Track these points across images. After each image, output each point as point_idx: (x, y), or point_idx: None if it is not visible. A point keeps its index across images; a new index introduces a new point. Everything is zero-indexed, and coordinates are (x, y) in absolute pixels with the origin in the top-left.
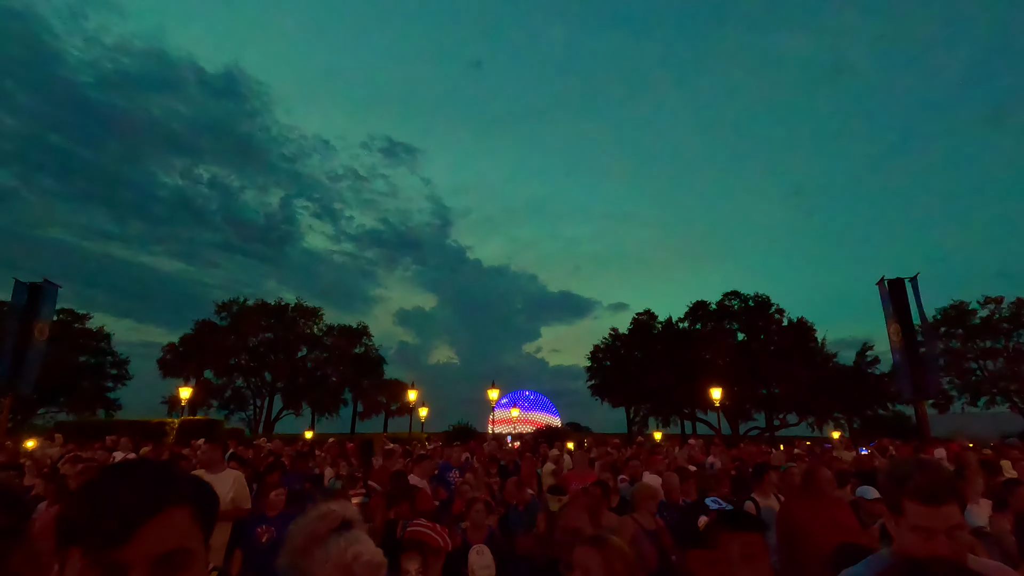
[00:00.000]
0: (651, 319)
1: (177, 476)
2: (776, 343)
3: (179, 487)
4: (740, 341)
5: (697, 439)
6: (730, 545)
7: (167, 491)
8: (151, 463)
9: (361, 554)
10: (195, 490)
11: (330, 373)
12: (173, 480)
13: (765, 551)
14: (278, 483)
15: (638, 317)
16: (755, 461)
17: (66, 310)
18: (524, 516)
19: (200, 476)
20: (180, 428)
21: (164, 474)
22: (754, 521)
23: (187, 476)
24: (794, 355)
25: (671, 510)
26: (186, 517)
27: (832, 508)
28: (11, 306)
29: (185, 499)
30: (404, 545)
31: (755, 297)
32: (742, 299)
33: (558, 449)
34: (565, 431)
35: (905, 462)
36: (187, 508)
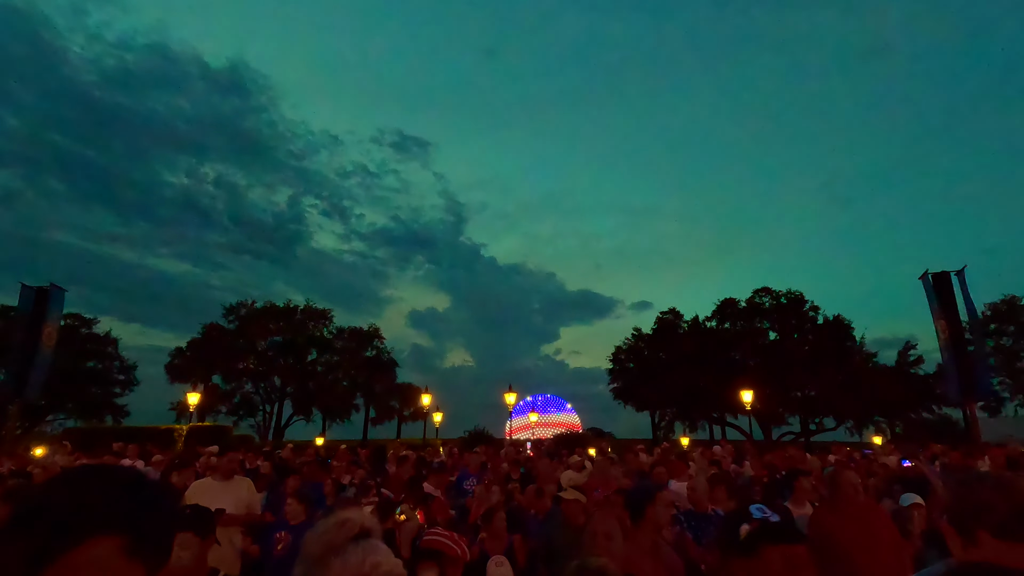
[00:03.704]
0: (676, 318)
1: (114, 498)
2: (811, 342)
3: (109, 514)
4: (772, 341)
5: (727, 444)
6: (771, 556)
7: (89, 520)
8: (97, 476)
9: (380, 564)
10: (133, 517)
11: (341, 377)
12: (103, 505)
13: (809, 564)
14: (296, 491)
15: (662, 316)
16: (788, 467)
17: (73, 314)
18: (543, 526)
19: (209, 484)
20: (188, 435)
21: (96, 496)
22: (797, 533)
23: (127, 499)
24: (830, 355)
25: (698, 519)
26: (113, 550)
27: (865, 516)
28: (18, 311)
29: (114, 529)
30: (421, 554)
31: (787, 294)
32: (773, 296)
33: (579, 455)
34: (586, 437)
35: (982, 484)
36: (116, 539)
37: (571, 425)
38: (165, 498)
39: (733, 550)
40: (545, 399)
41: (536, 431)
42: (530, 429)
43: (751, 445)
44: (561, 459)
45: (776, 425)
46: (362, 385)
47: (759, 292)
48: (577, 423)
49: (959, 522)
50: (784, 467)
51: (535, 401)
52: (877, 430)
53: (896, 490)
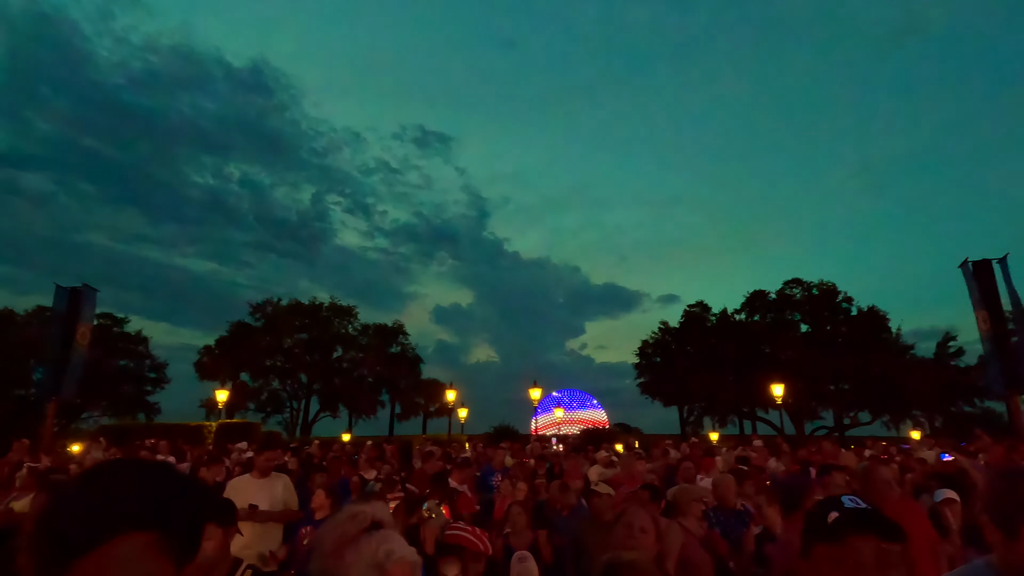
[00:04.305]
0: (704, 311)
1: (146, 494)
2: (844, 335)
3: (141, 511)
4: (804, 333)
5: (758, 439)
6: (859, 546)
7: (121, 516)
8: (128, 471)
9: (393, 552)
10: (165, 512)
11: (366, 374)
12: (135, 501)
13: (900, 565)
14: (325, 485)
15: (690, 309)
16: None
17: (105, 314)
18: (569, 522)
19: (248, 481)
20: (218, 431)
21: (128, 492)
22: (893, 528)
23: (157, 495)
24: (865, 347)
25: (726, 515)
26: (143, 546)
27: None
28: (53, 312)
29: (144, 525)
30: (443, 549)
31: (820, 285)
32: (805, 287)
33: (606, 451)
34: (613, 432)
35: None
36: (146, 535)
37: (598, 421)
38: (195, 492)
39: (818, 536)
40: (572, 394)
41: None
42: (557, 426)
43: (782, 440)
44: (587, 455)
45: (809, 420)
46: (387, 381)
47: (789, 284)
48: (604, 419)
49: (1000, 518)
50: (818, 463)
51: (561, 397)
52: (915, 424)
53: (933, 486)
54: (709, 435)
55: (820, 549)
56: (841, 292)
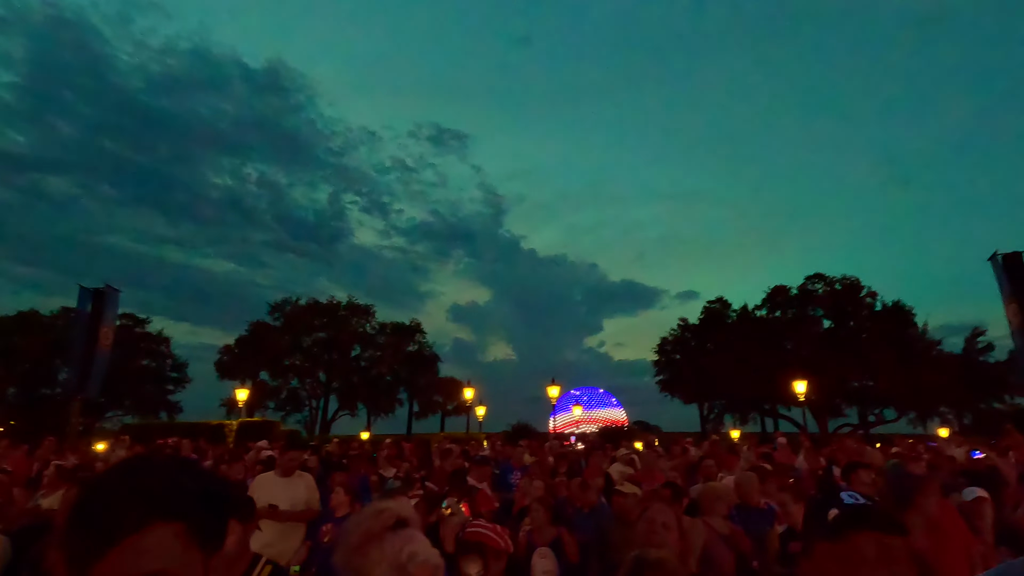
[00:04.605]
0: (724, 307)
1: (173, 487)
2: (868, 330)
3: (169, 502)
4: (826, 329)
5: (782, 437)
6: (862, 543)
7: (151, 507)
8: (154, 467)
9: (416, 554)
10: (192, 505)
11: (384, 372)
12: (163, 493)
13: (906, 559)
14: (344, 483)
15: (709, 306)
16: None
17: (127, 315)
18: (589, 520)
19: (271, 480)
20: (239, 430)
21: (156, 485)
22: (895, 523)
23: (183, 488)
24: (890, 343)
25: (749, 513)
26: (173, 536)
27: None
28: (77, 312)
29: (172, 516)
30: (464, 547)
31: (842, 280)
32: (827, 282)
33: (625, 448)
34: (632, 430)
35: None
36: (174, 526)
37: (616, 420)
38: (218, 486)
39: (819, 534)
40: (591, 393)
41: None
42: (575, 425)
43: (805, 437)
44: (605, 453)
45: (832, 417)
46: (405, 379)
47: (811, 279)
48: (623, 418)
49: None
50: (843, 460)
51: (580, 395)
52: (943, 421)
53: (962, 484)
54: (730, 433)
55: (822, 548)
56: (865, 287)
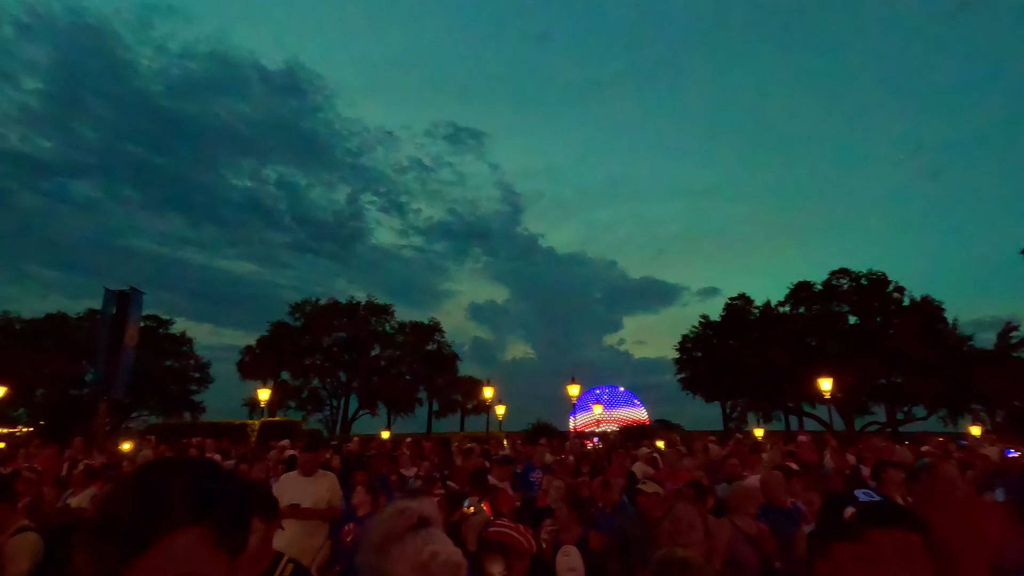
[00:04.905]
0: (746, 304)
1: (199, 491)
2: (896, 326)
3: (194, 506)
4: (852, 325)
5: (806, 435)
6: (880, 541)
7: (178, 512)
8: (179, 471)
9: (438, 553)
10: (214, 508)
11: (404, 371)
12: (189, 497)
13: (924, 555)
14: (365, 483)
15: (731, 302)
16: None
17: (151, 316)
18: (612, 519)
19: (295, 479)
20: (261, 429)
21: (182, 489)
22: (912, 517)
23: (208, 491)
24: (918, 339)
25: (776, 513)
26: (199, 539)
27: (968, 512)
28: (102, 314)
29: (197, 520)
30: (488, 546)
31: (868, 275)
32: (852, 277)
33: (647, 447)
34: (654, 429)
35: None
36: (199, 530)
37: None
38: (241, 487)
39: (835, 534)
40: (612, 392)
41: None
42: (596, 424)
43: (831, 436)
44: (627, 452)
45: (859, 415)
46: (424, 379)
47: (836, 274)
48: (644, 417)
49: None
50: (871, 459)
51: (601, 394)
52: (974, 419)
53: (995, 483)
54: (753, 431)
55: (839, 548)
56: (892, 282)
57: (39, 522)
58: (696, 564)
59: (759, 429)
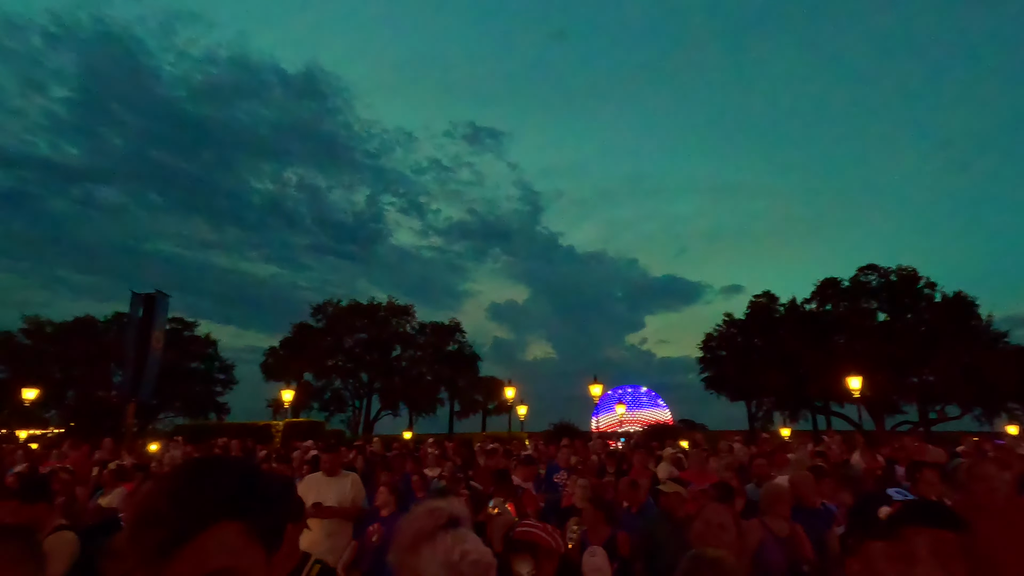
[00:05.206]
0: (771, 301)
1: (237, 487)
2: (927, 323)
3: (231, 502)
4: (881, 322)
5: (834, 435)
6: (917, 540)
7: (217, 506)
8: (218, 468)
9: (469, 553)
10: (252, 504)
11: (425, 372)
12: (228, 493)
13: (959, 554)
14: (389, 483)
15: (756, 300)
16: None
17: (176, 318)
18: (637, 519)
19: (318, 479)
20: (285, 430)
21: (221, 485)
22: (948, 516)
23: (246, 488)
24: (951, 336)
25: (806, 514)
26: (236, 534)
27: (1011, 513)
28: (129, 317)
29: (236, 515)
30: (516, 546)
31: (898, 270)
32: (881, 273)
33: (672, 448)
34: (677, 429)
35: None
36: (238, 524)
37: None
38: (277, 485)
39: (869, 532)
40: (634, 392)
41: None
42: (620, 425)
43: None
44: (651, 452)
45: (890, 414)
46: (445, 379)
47: (864, 270)
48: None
49: None
50: (903, 459)
51: (623, 394)
52: (1011, 418)
53: None
54: (780, 431)
55: (873, 547)
56: (923, 278)
57: (73, 521)
58: (728, 564)
59: (785, 429)
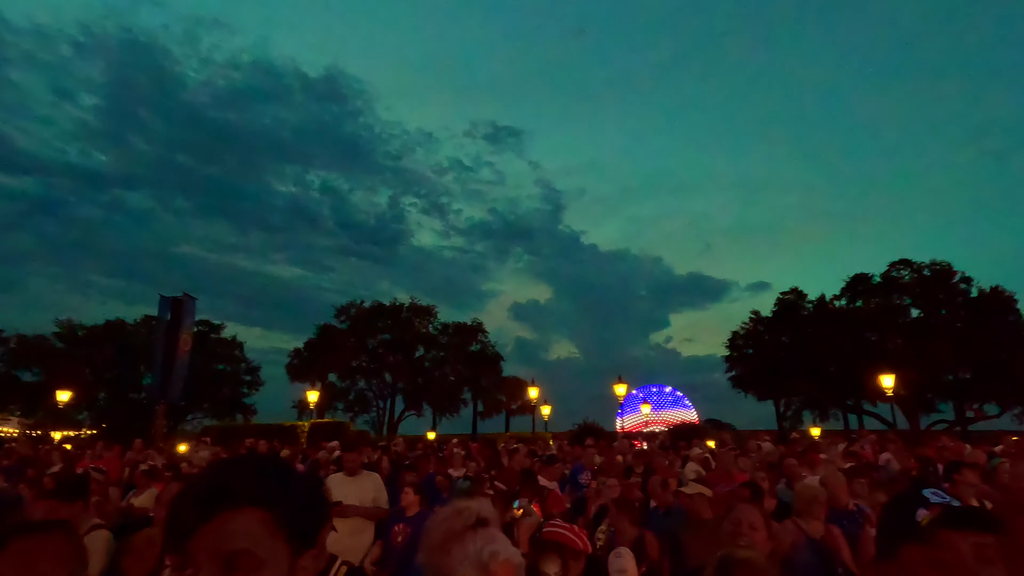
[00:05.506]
0: (799, 298)
1: (263, 479)
2: (963, 318)
3: (254, 490)
4: (915, 319)
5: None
6: (957, 545)
7: (240, 492)
8: (250, 462)
9: (498, 553)
10: (273, 494)
11: (448, 372)
12: (252, 482)
13: (999, 558)
14: (414, 483)
15: (783, 297)
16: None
17: (203, 321)
18: (665, 520)
19: (340, 479)
20: (311, 431)
21: (247, 475)
22: (989, 520)
23: (269, 478)
24: (989, 332)
25: (838, 515)
26: (256, 521)
27: None
28: (158, 320)
29: (256, 503)
30: (543, 546)
31: (931, 265)
32: (914, 268)
33: (699, 448)
34: (704, 429)
35: None
36: (257, 512)
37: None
38: (306, 483)
39: (905, 536)
40: (659, 392)
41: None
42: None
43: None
44: (678, 452)
45: (924, 413)
46: (468, 379)
47: (896, 265)
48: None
49: None
50: (940, 459)
51: (648, 394)
52: None
53: None
54: (810, 430)
55: (910, 551)
56: (958, 272)
57: (106, 520)
58: (759, 564)
59: (815, 428)
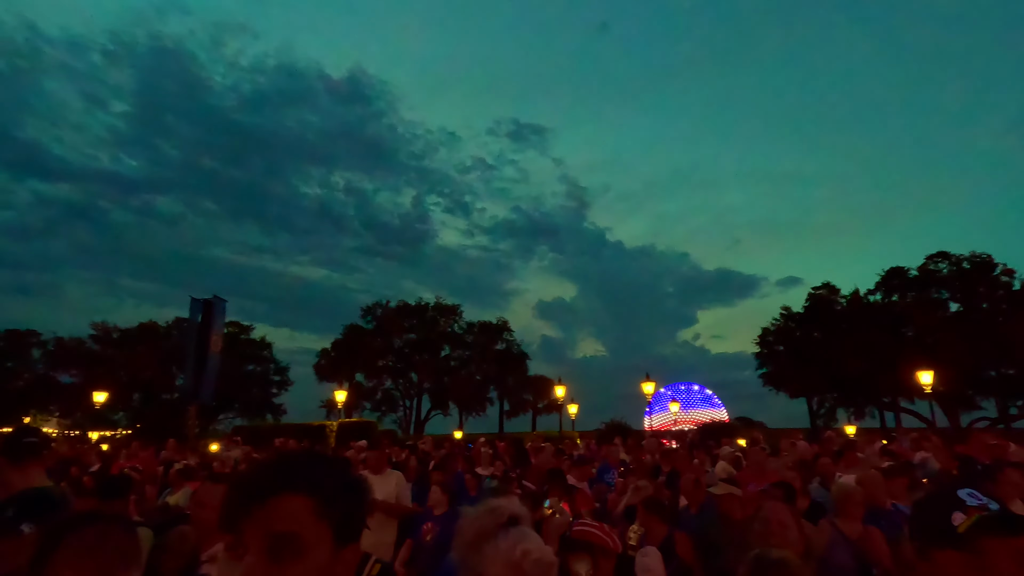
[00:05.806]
0: (832, 293)
1: (309, 469)
2: (1005, 312)
3: (300, 478)
4: (954, 313)
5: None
6: (998, 552)
7: (284, 481)
8: (299, 456)
9: (530, 552)
10: (319, 484)
11: (474, 371)
12: (299, 471)
13: None
14: (442, 482)
15: (815, 292)
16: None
17: (232, 323)
18: (696, 519)
19: (365, 477)
20: (339, 430)
21: (295, 466)
22: None
23: (315, 468)
24: None
25: (875, 515)
26: (302, 507)
27: None
28: (189, 322)
29: (302, 490)
30: (574, 545)
31: (971, 257)
32: (952, 261)
33: (730, 447)
34: (734, 427)
35: None
36: (303, 499)
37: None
38: (351, 477)
39: (942, 540)
40: (688, 391)
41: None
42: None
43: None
44: (708, 451)
45: (965, 411)
46: (494, 378)
47: (933, 257)
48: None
49: None
50: (984, 458)
51: (677, 392)
52: None
53: None
54: (845, 428)
55: (947, 556)
56: (999, 264)
57: (144, 519)
58: (793, 564)
59: (850, 426)
